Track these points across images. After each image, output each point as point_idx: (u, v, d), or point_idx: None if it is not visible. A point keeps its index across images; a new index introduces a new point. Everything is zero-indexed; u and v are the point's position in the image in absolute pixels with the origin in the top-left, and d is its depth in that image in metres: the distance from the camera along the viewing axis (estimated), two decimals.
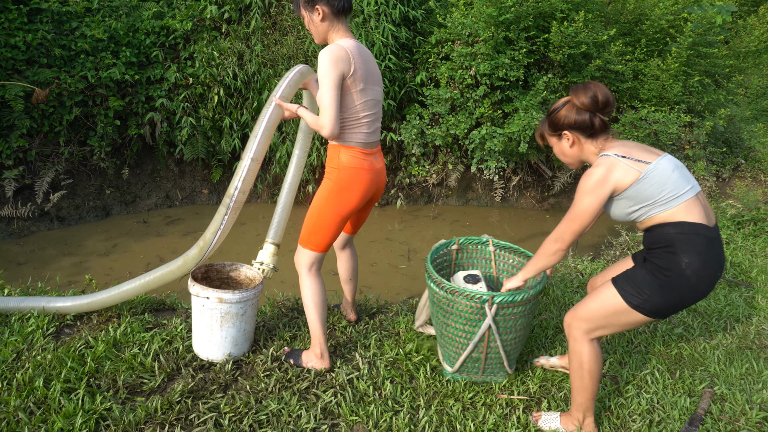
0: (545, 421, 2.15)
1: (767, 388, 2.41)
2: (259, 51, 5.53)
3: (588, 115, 1.88)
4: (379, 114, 2.34)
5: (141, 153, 5.74)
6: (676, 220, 1.81)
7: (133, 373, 2.29)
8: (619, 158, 1.83)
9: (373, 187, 2.35)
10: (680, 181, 1.82)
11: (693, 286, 1.81)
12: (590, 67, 5.44)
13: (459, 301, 2.23)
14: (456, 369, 2.39)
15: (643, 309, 1.86)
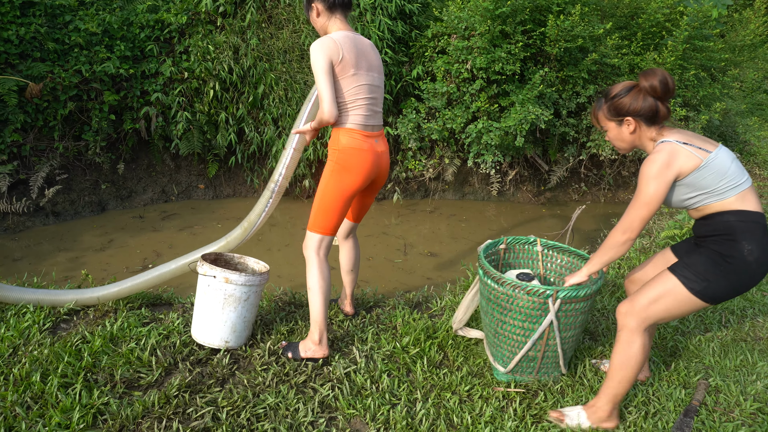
0: (570, 419, 2.11)
1: (761, 380, 2.43)
2: (254, 45, 5.51)
3: (655, 102, 1.89)
4: (378, 99, 2.41)
5: (136, 148, 5.72)
6: (735, 209, 1.85)
7: (130, 367, 2.29)
8: (681, 144, 1.85)
9: (375, 168, 2.39)
10: (738, 173, 1.87)
11: (753, 273, 1.85)
12: (586, 61, 5.44)
13: (520, 296, 2.17)
14: (510, 369, 2.35)
15: (704, 295, 1.89)
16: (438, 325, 2.78)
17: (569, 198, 6.52)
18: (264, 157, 5.95)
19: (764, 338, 2.84)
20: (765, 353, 2.68)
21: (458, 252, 4.83)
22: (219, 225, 5.23)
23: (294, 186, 5.98)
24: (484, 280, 2.32)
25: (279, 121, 5.64)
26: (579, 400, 2.26)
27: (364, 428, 2.08)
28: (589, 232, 5.31)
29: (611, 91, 1.98)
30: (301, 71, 5.68)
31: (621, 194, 6.60)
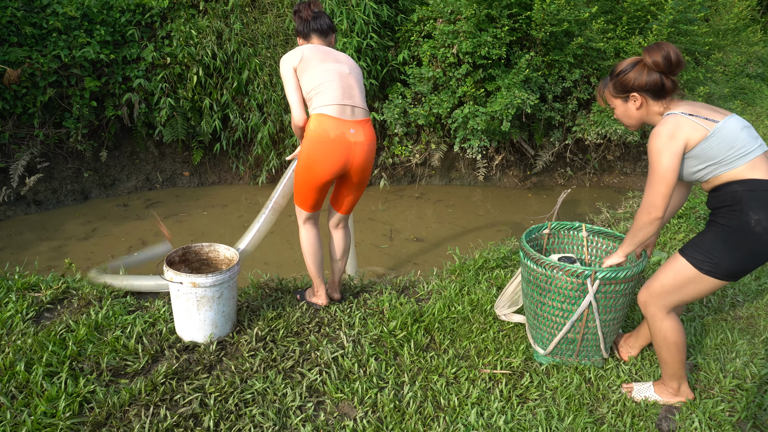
0: (639, 392, 2.19)
1: (740, 357, 2.48)
2: (238, 29, 5.43)
3: (659, 76, 1.87)
4: (348, 86, 2.42)
5: (119, 135, 5.63)
6: (743, 178, 1.80)
7: (116, 355, 2.28)
8: (686, 116, 1.83)
9: (341, 159, 2.38)
10: (749, 140, 1.81)
11: (764, 243, 1.78)
12: (572, 45, 5.44)
13: (559, 277, 2.19)
14: (549, 351, 2.37)
15: (717, 273, 1.86)
16: (424, 309, 2.80)
17: (555, 182, 6.56)
18: (249, 143, 5.90)
19: (744, 317, 2.90)
20: (744, 332, 2.74)
21: (444, 237, 4.85)
22: (204, 212, 5.19)
23: (280, 173, 5.94)
24: (524, 261, 2.34)
25: (264, 107, 5.59)
26: (564, 381, 2.29)
27: (352, 411, 2.09)
28: (575, 216, 5.35)
29: (616, 69, 1.96)
30: None
31: (606, 178, 6.66)
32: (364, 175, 2.53)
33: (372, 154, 2.49)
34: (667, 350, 2.06)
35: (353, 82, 2.46)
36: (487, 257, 3.47)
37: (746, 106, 8.58)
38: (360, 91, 2.48)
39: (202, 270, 2.68)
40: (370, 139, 2.46)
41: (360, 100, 2.45)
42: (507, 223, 5.26)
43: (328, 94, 2.36)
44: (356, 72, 2.52)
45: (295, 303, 2.83)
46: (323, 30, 2.57)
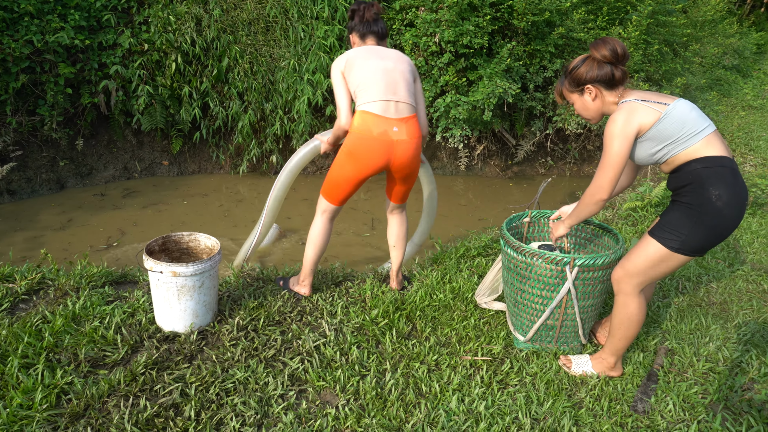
0: (577, 366, 2.30)
1: (713, 342, 2.55)
2: (218, 16, 5.34)
3: (609, 68, 1.98)
4: (392, 81, 2.42)
5: (96, 123, 5.51)
6: (700, 156, 1.88)
7: (94, 346, 2.25)
8: (639, 102, 1.93)
9: (383, 158, 2.41)
10: (699, 119, 1.91)
11: (726, 217, 1.87)
12: (553, 35, 5.46)
13: (538, 264, 2.23)
14: (529, 338, 2.41)
15: (684, 250, 1.93)
16: (406, 297, 2.81)
17: (536, 172, 6.61)
18: (230, 132, 5.82)
19: (717, 303, 2.97)
20: (718, 317, 2.81)
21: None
22: (185, 202, 5.13)
23: (261, 162, 5.89)
24: (505, 249, 2.37)
25: (244, 95, 5.52)
26: (543, 367, 2.33)
27: (334, 399, 2.10)
28: (555, 205, 5.41)
29: (568, 66, 2.09)
30: (266, 44, 5.54)
31: (586, 168, 6.73)
32: (409, 171, 2.55)
33: (416, 151, 2.49)
34: (626, 328, 2.13)
35: (398, 77, 2.45)
36: (468, 246, 3.50)
37: (722, 97, 8.73)
38: (406, 86, 2.46)
39: (183, 259, 2.66)
40: (414, 136, 2.46)
41: (405, 96, 2.44)
42: (488, 212, 5.30)
43: (371, 91, 2.38)
44: (402, 67, 2.49)
45: (276, 292, 2.82)
46: (381, 34, 2.61)
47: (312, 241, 2.69)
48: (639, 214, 4.26)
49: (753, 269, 3.40)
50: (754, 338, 2.61)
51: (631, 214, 4.31)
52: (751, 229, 4.09)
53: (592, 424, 2.03)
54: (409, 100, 2.46)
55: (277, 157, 5.72)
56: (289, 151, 5.92)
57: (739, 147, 6.67)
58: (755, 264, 3.49)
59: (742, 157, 6.33)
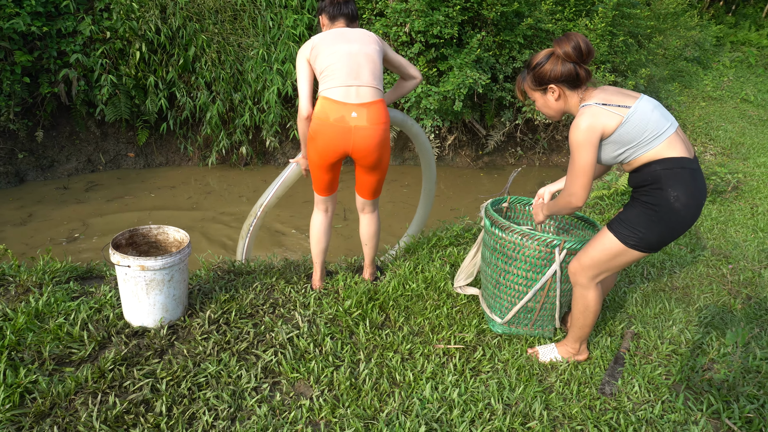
0: (544, 354, 2.35)
1: (676, 325, 2.64)
2: (183, 3, 5.20)
3: (573, 66, 1.91)
4: (356, 65, 2.35)
5: (56, 114, 5.33)
6: (661, 157, 1.88)
7: (60, 343, 2.18)
8: (601, 106, 1.87)
9: (341, 144, 2.37)
10: (660, 120, 1.89)
11: (683, 218, 1.90)
12: (522, 26, 5.51)
13: (528, 245, 2.24)
14: (507, 320, 2.43)
15: (640, 246, 1.96)
16: (379, 287, 2.82)
17: (506, 162, 6.69)
18: (198, 123, 5.71)
19: (680, 287, 3.07)
20: (681, 301, 2.90)
21: (398, 216, 4.88)
22: (152, 194, 5.01)
23: (231, 153, 5.79)
24: (491, 230, 2.37)
25: (212, 86, 5.41)
26: (515, 353, 2.37)
27: (308, 391, 2.10)
28: (525, 194, 5.49)
29: (532, 61, 2.01)
30: (234, 33, 5.43)
31: (555, 158, 6.85)
32: (373, 159, 2.44)
33: (378, 138, 2.38)
34: (585, 316, 2.19)
35: (363, 60, 2.37)
36: (440, 235, 3.52)
37: (683, 88, 8.97)
38: (371, 70, 2.38)
39: (151, 253, 2.60)
40: (377, 122, 2.37)
41: (368, 80, 2.36)
42: (460, 202, 5.34)
43: (334, 77, 2.34)
44: (369, 49, 2.40)
45: (248, 284, 2.79)
46: (351, 16, 2.54)
47: (310, 235, 2.75)
48: (606, 202, 4.36)
49: (713, 255, 3.53)
50: (714, 321, 2.71)
51: (598, 203, 4.40)
52: (711, 216, 4.24)
53: (562, 407, 2.08)
54: (373, 84, 2.37)
55: (247, 148, 5.64)
56: (259, 142, 5.84)
57: (699, 137, 6.88)
58: (715, 249, 3.62)
59: (703, 146, 6.53)
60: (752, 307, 2.90)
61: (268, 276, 2.89)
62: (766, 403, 2.12)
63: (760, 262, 3.48)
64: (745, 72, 10.53)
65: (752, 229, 4.01)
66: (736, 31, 12.19)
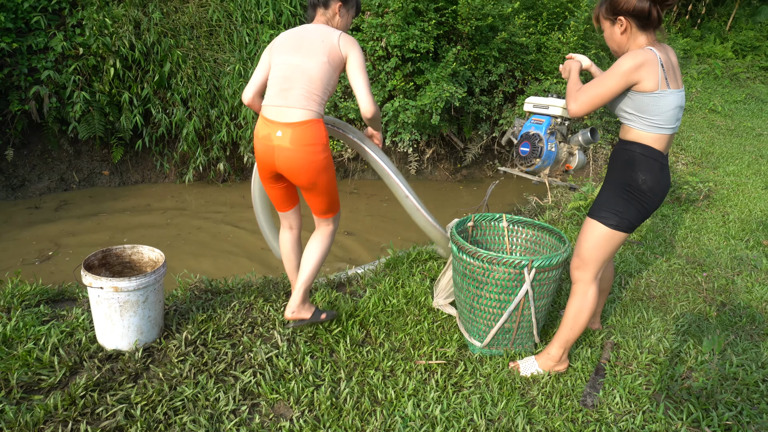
0: (525, 369, 2.34)
1: (654, 334, 2.66)
2: (157, 19, 5.16)
3: (648, 4, 1.90)
4: (288, 83, 2.17)
5: (27, 132, 5.21)
6: (645, 143, 2.02)
7: (28, 370, 2.10)
8: (659, 64, 1.91)
9: (266, 162, 2.24)
10: (672, 118, 1.99)
11: (649, 199, 2.05)
12: (497, 40, 5.60)
13: (496, 269, 2.22)
14: (486, 343, 2.40)
15: (621, 227, 2.08)
16: (359, 303, 2.79)
17: (484, 174, 6.75)
18: (174, 139, 5.64)
19: (657, 296, 3.11)
20: (658, 310, 2.94)
21: (378, 231, 4.87)
22: (126, 212, 4.92)
23: (208, 170, 5.73)
24: (459, 255, 2.35)
25: (189, 102, 5.36)
26: (497, 368, 2.37)
27: (288, 412, 2.05)
28: (504, 207, 5.53)
29: None
30: (210, 48, 5.40)
31: None
32: (303, 182, 2.25)
33: (302, 161, 2.18)
34: (578, 317, 2.21)
35: (298, 76, 2.18)
36: (420, 250, 3.52)
37: None
38: (305, 88, 2.17)
39: (125, 273, 2.54)
40: (300, 144, 2.16)
41: (297, 99, 2.16)
42: (439, 215, 5.34)
43: (268, 92, 2.25)
44: (310, 63, 2.18)
45: (226, 304, 2.74)
46: (314, 3, 2.33)
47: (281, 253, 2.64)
48: (583, 213, 4.42)
49: (688, 263, 3.59)
50: (690, 328, 2.75)
51: (575, 214, 4.46)
52: (684, 224, 4.32)
53: (545, 421, 2.07)
54: (301, 104, 2.16)
55: (224, 164, 5.59)
56: (237, 158, 5.80)
57: (671, 146, 7.04)
58: (690, 258, 3.68)
59: (675, 156, 6.68)
60: (727, 314, 2.95)
61: (246, 295, 2.84)
62: (744, 410, 2.14)
63: (732, 269, 3.55)
64: (712, 83, 10.84)
65: (724, 237, 4.10)
66: (702, 44, 12.57)
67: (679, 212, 4.62)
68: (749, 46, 12.54)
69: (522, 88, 6.19)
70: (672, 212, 4.60)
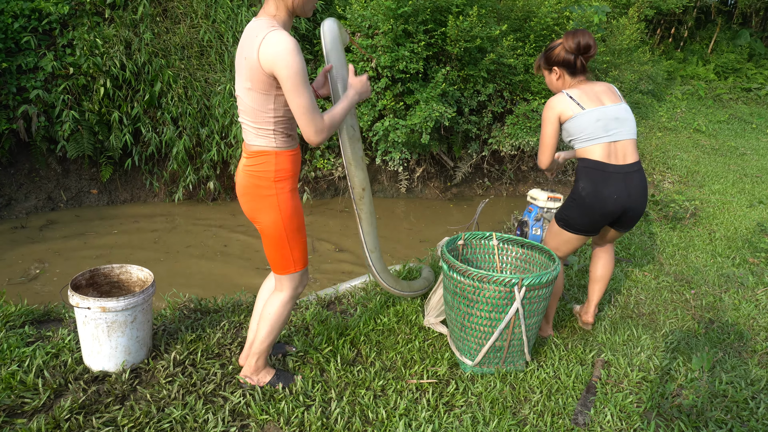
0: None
1: (644, 351, 2.67)
2: (148, 39, 5.19)
3: (572, 57, 2.37)
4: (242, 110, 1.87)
5: (15, 150, 5.17)
6: (583, 156, 2.40)
7: (11, 393, 2.06)
8: (568, 96, 2.37)
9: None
10: (598, 130, 2.34)
11: (588, 204, 2.37)
12: (485, 61, 5.69)
13: (487, 287, 2.23)
14: (477, 362, 2.39)
15: (567, 226, 2.47)
16: (350, 322, 2.78)
17: (474, 193, 6.79)
18: (164, 158, 5.63)
19: (646, 314, 3.13)
20: (648, 327, 2.95)
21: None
22: (114, 231, 4.88)
23: (198, 188, 5.71)
24: (450, 274, 2.35)
25: (179, 121, 5.36)
26: (488, 386, 2.36)
27: None
28: (494, 225, 5.56)
29: (549, 46, 2.48)
30: (201, 68, 5.44)
31: (521, 188, 6.98)
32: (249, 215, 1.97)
33: (241, 188, 1.93)
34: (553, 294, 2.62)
35: (239, 107, 1.88)
36: (411, 268, 3.52)
37: (640, 119, 9.35)
38: (244, 120, 1.86)
39: (113, 293, 2.51)
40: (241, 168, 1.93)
41: (248, 126, 1.86)
42: (430, 233, 5.37)
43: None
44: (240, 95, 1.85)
45: (215, 323, 2.71)
46: None
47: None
48: None
49: (676, 280, 3.62)
50: (679, 346, 2.76)
51: None
52: (672, 242, 4.37)
53: None
54: (245, 122, 1.87)
55: (214, 183, 5.57)
56: (227, 177, 5.79)
57: (657, 166, 7.14)
58: (678, 275, 3.72)
59: (661, 175, 6.77)
60: (715, 331, 2.97)
61: (236, 314, 2.82)
62: (734, 427, 2.15)
63: (720, 286, 3.58)
64: (696, 104, 11.07)
65: (711, 254, 4.15)
66: (685, 66, 12.86)
67: (666, 230, 4.67)
68: (730, 68, 12.85)
69: (510, 108, 6.28)
70: (660, 230, 4.65)
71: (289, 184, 1.91)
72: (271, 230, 1.94)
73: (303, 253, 2.04)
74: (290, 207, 1.92)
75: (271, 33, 1.67)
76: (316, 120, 1.77)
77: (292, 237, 1.96)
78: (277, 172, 1.87)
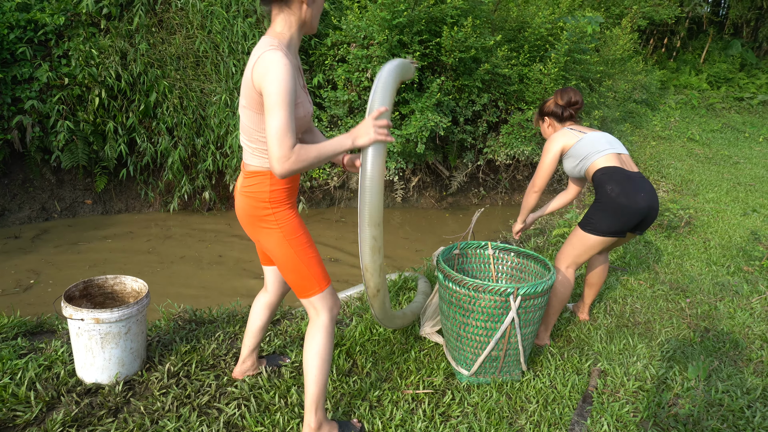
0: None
1: (640, 360, 2.67)
2: (144, 50, 5.20)
3: (561, 109, 2.79)
4: (240, 128, 1.84)
5: (9, 161, 5.16)
6: (600, 167, 2.59)
7: (3, 406, 2.04)
8: (569, 129, 2.73)
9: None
10: (603, 143, 2.64)
11: (623, 205, 2.50)
12: (480, 71, 5.72)
13: (483, 297, 2.23)
14: (474, 371, 2.39)
15: (595, 230, 2.57)
16: (346, 332, 2.77)
17: (470, 202, 6.80)
18: (159, 168, 5.62)
19: (642, 323, 3.13)
20: (643, 336, 2.95)
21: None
22: (109, 241, 4.85)
23: (193, 198, 5.70)
24: (445, 284, 2.35)
25: (174, 131, 5.36)
26: (485, 396, 2.35)
27: None
28: (490, 234, 5.57)
29: (543, 102, 2.88)
30: (196, 78, 5.44)
31: (516, 197, 7.00)
32: (256, 240, 1.93)
33: (240, 210, 1.88)
34: (553, 303, 2.70)
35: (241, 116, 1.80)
36: (407, 277, 3.51)
37: (634, 128, 9.41)
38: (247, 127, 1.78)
39: (107, 304, 2.49)
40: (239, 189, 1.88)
41: (246, 140, 1.81)
42: (425, 242, 5.37)
43: None
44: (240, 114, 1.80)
45: (210, 334, 2.69)
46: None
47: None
48: None
49: (671, 289, 3.63)
50: (675, 355, 2.76)
51: (560, 240, 4.50)
52: (667, 250, 4.38)
53: None
54: (247, 145, 1.82)
55: (210, 193, 5.56)
56: (223, 187, 5.79)
57: (652, 174, 7.18)
58: (673, 284, 3.72)
59: (656, 184, 6.81)
60: (710, 339, 2.97)
61: (231, 325, 2.80)
62: None
63: (715, 294, 3.59)
64: (690, 113, 11.16)
65: (706, 263, 4.16)
66: (678, 76, 12.98)
67: (661, 238, 4.69)
68: (723, 78, 12.98)
69: (505, 117, 6.31)
70: (655, 238, 4.67)
71: (286, 204, 1.85)
72: (278, 252, 1.84)
73: (321, 267, 1.89)
74: (290, 224, 1.84)
75: (267, 52, 1.63)
76: (283, 146, 1.57)
77: (303, 254, 1.84)
78: (271, 192, 1.81)
